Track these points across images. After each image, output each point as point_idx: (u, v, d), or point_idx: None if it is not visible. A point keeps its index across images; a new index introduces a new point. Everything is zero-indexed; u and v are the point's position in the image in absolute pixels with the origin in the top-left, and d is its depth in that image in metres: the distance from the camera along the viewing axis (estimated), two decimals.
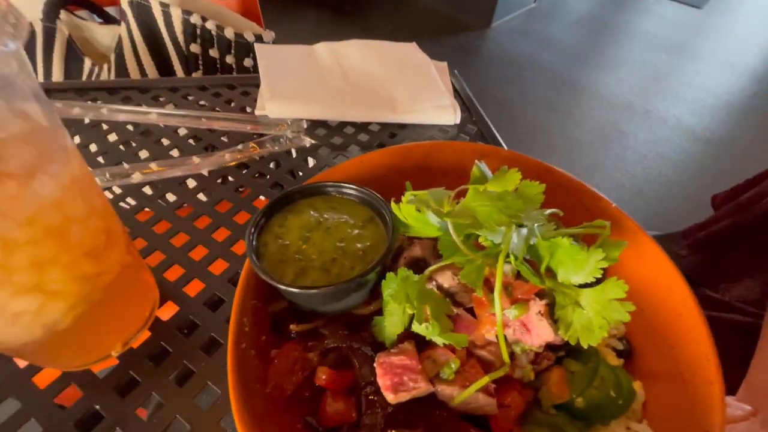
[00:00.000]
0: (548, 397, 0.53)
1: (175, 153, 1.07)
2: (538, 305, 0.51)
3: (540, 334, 0.51)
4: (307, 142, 1.11)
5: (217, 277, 0.82)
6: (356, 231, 0.59)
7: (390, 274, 0.54)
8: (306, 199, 0.63)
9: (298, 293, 0.50)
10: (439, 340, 0.48)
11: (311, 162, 1.12)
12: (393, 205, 0.57)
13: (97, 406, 0.66)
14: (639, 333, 0.61)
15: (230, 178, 1.02)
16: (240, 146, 1.06)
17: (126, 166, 0.99)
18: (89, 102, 1.17)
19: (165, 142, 1.09)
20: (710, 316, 1.22)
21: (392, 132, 1.19)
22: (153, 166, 1.00)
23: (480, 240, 0.51)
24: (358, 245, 0.56)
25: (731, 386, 0.90)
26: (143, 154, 1.06)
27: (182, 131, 1.12)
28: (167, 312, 0.77)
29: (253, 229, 0.57)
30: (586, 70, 4.58)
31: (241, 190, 1.00)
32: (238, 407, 0.45)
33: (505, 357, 0.49)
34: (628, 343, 0.60)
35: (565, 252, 0.49)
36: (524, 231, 0.50)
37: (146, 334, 0.74)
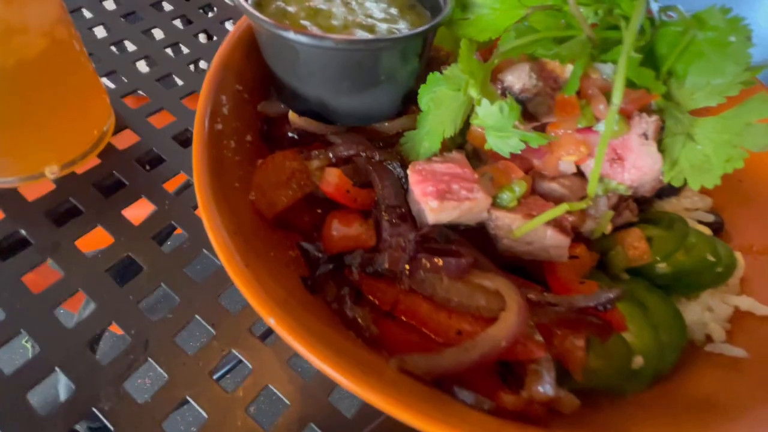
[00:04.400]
0: (623, 259, 0.40)
1: None
2: (643, 123, 0.36)
3: (639, 166, 0.37)
4: None
5: (191, 112, 0.64)
6: (389, 13, 0.41)
7: (433, 75, 0.38)
8: None
9: (306, 48, 0.33)
10: (510, 146, 0.33)
11: None
12: None
13: (23, 232, 0.50)
14: (733, 205, 0.47)
15: (215, 8, 0.80)
16: None
17: None
18: None
19: None
20: None
21: None
22: None
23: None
24: (392, 26, 0.39)
25: None
26: None
27: None
28: (125, 140, 0.60)
29: None
30: None
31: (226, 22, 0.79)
32: (202, 184, 0.30)
33: (592, 188, 0.35)
34: (718, 216, 0.47)
35: (712, 35, 0.33)
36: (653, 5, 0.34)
37: (95, 161, 0.57)
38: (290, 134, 0.39)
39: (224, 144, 0.35)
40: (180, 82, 0.68)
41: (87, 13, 0.74)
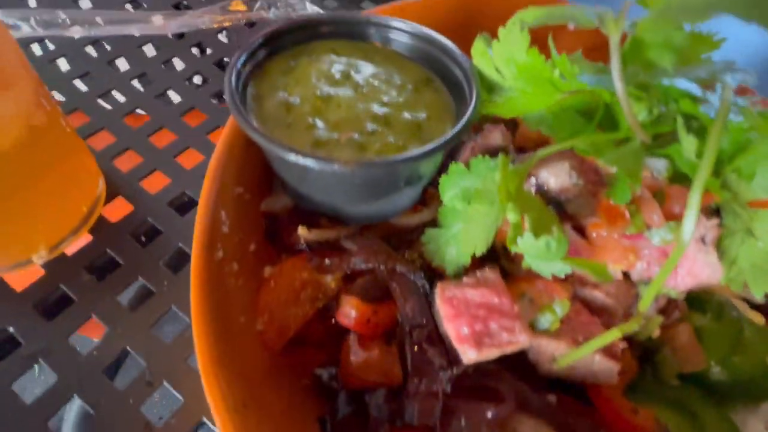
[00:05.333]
0: (673, 363, 0.36)
1: (133, 8, 0.78)
2: (701, 227, 0.32)
3: (696, 274, 0.33)
4: (312, 11, 0.83)
5: (188, 172, 0.60)
6: (405, 96, 0.36)
7: (456, 166, 0.33)
8: (329, 40, 0.39)
9: (315, 169, 0.29)
10: (553, 269, 0.29)
11: None
12: (479, 44, 0.34)
13: (11, 329, 0.47)
14: None
15: (207, 48, 0.75)
16: (224, 4, 0.79)
17: (61, 14, 0.71)
18: None
19: None
20: None
21: None
22: (99, 19, 0.72)
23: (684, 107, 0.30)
24: (408, 115, 0.35)
25: None
26: (85, 2, 0.77)
27: None
28: (117, 211, 0.56)
29: (240, 66, 0.34)
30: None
31: (222, 62, 0.74)
32: (204, 349, 0.26)
33: (645, 304, 0.30)
34: None
35: None
36: (715, 96, 0.29)
37: (86, 238, 0.53)
38: (299, 246, 0.35)
39: (226, 271, 0.31)
40: (173, 137, 0.63)
41: (65, 65, 0.69)
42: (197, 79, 0.73)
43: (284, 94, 0.34)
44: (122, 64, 0.71)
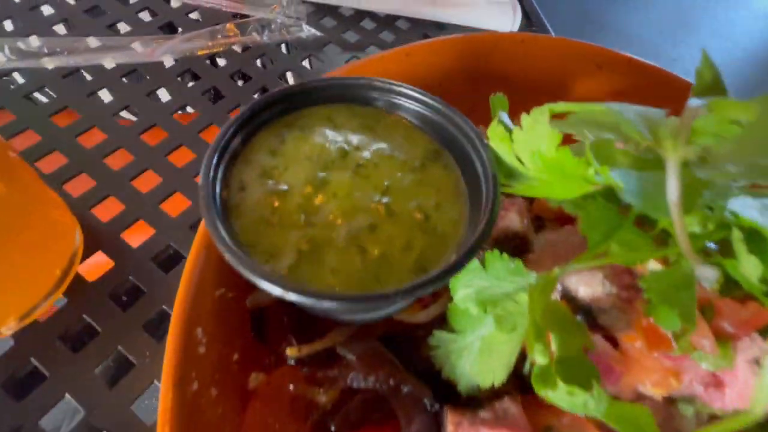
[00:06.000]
0: None
1: (120, 28, 0.73)
2: (756, 349, 0.28)
3: (746, 396, 0.28)
4: (309, 33, 0.78)
5: (173, 221, 0.55)
6: (410, 176, 0.32)
7: (473, 264, 0.29)
8: (325, 106, 0.35)
9: (301, 302, 0.24)
10: (589, 407, 0.24)
11: (312, 63, 0.81)
12: (498, 129, 0.30)
13: None
14: None
15: (197, 76, 0.70)
16: (214, 29, 0.74)
17: (36, 40, 0.66)
18: None
19: (104, 13, 0.74)
20: None
21: (426, 33, 0.87)
22: (90, 41, 0.67)
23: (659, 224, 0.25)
24: (414, 203, 0.30)
25: None
26: (61, 28, 0.72)
27: (128, 1, 0.77)
28: (95, 268, 0.52)
29: (216, 157, 0.29)
30: (614, 4, 4.08)
31: (211, 93, 0.70)
32: None
33: None
34: None
35: None
36: None
37: (61, 299, 0.49)
38: (290, 362, 0.30)
39: (203, 403, 0.27)
40: (158, 179, 0.59)
41: (40, 98, 0.64)
42: (185, 112, 0.68)
43: (271, 183, 0.30)
44: (104, 95, 0.66)
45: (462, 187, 0.32)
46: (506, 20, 0.88)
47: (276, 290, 0.24)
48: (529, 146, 0.27)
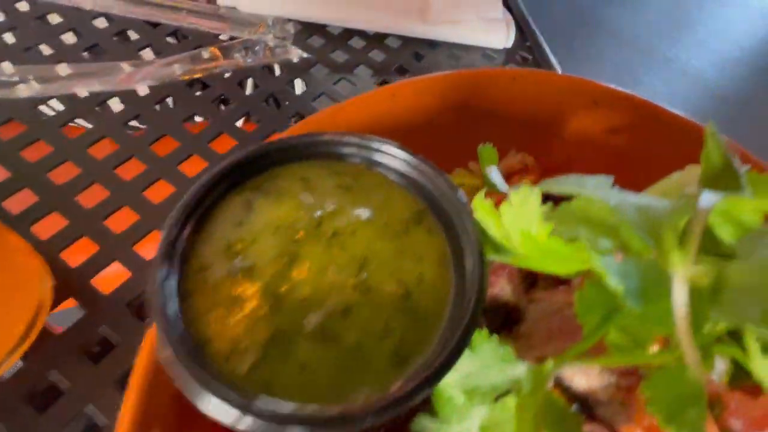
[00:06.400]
0: None
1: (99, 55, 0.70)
2: None
3: None
4: (296, 55, 0.75)
5: (148, 264, 0.52)
6: (391, 244, 0.29)
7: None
8: (299, 164, 0.32)
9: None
10: None
11: (299, 87, 0.78)
12: (480, 201, 0.27)
13: None
14: None
15: (176, 102, 0.68)
16: (195, 53, 0.71)
17: (8, 68, 0.63)
18: None
19: (75, 36, 0.71)
20: None
21: (418, 51, 0.84)
22: (59, 69, 0.64)
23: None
24: (394, 277, 0.28)
25: None
26: (33, 54, 0.69)
27: (104, 22, 0.74)
28: (65, 317, 0.49)
29: (175, 231, 0.26)
30: (610, 5, 4.06)
31: (194, 122, 0.67)
32: None
33: None
34: None
35: None
36: None
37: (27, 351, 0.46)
38: None
39: None
40: (135, 217, 0.56)
41: (8, 132, 0.61)
42: (163, 145, 0.65)
43: (236, 262, 0.27)
44: (80, 123, 0.63)
45: (447, 254, 0.30)
46: (500, 37, 0.86)
47: (220, 414, 0.21)
48: (517, 224, 0.24)
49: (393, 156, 0.32)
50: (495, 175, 0.32)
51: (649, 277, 0.19)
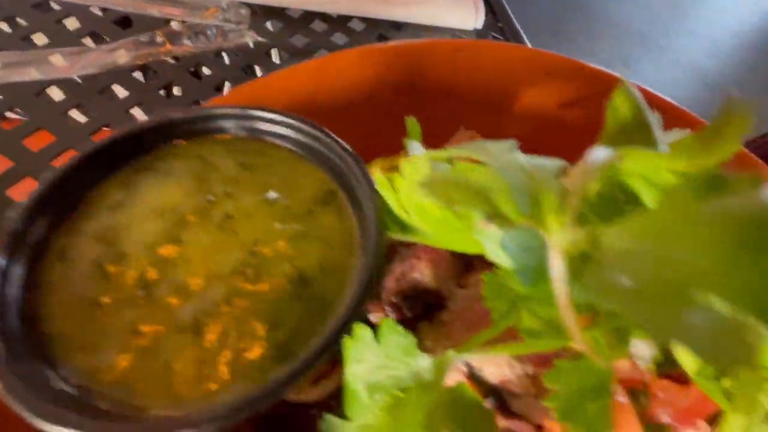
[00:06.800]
0: None
1: (40, 40, 0.67)
2: None
3: None
4: (251, 40, 0.72)
5: None
6: (293, 226, 0.26)
7: (361, 330, 0.24)
8: (199, 140, 0.29)
9: None
10: None
11: (258, 73, 0.75)
12: (377, 175, 0.24)
13: None
14: None
15: (122, 91, 0.64)
16: (142, 38, 0.67)
17: None
18: None
19: (10, 27, 0.68)
20: None
21: (383, 34, 0.81)
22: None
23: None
24: (291, 265, 0.24)
25: None
26: None
27: (46, 9, 0.70)
28: None
29: (24, 221, 0.23)
30: None
31: (138, 110, 0.63)
32: None
33: None
34: None
35: None
36: None
37: None
38: None
39: None
40: None
41: None
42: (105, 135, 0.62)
43: (104, 250, 0.24)
44: (13, 116, 0.60)
45: (355, 237, 0.27)
46: (468, 17, 0.82)
47: None
48: (411, 198, 0.21)
49: (300, 131, 0.29)
50: (416, 149, 0.28)
51: (535, 247, 0.16)
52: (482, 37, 0.83)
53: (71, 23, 0.70)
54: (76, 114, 0.62)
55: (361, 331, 0.25)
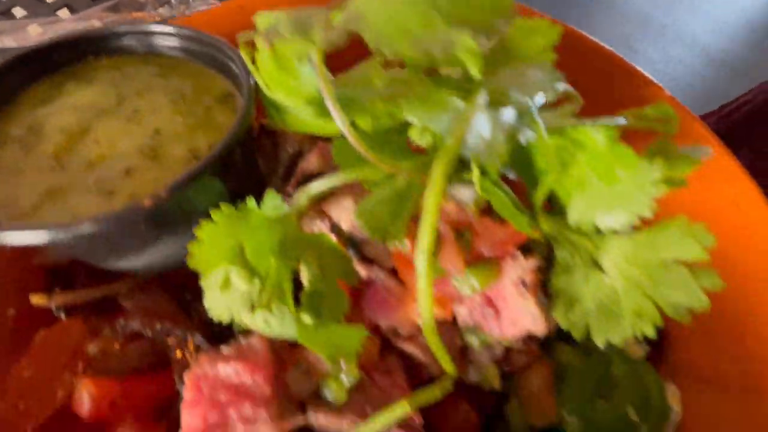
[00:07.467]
0: (522, 414, 0.31)
1: (19, 14, 0.72)
2: (519, 269, 0.26)
3: (516, 319, 0.27)
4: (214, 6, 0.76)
5: None
6: (190, 120, 0.31)
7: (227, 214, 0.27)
8: (116, 56, 0.34)
9: (23, 236, 0.24)
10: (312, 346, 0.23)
11: None
12: (246, 56, 0.28)
13: None
14: None
15: None
16: (103, 5, 0.72)
17: None
18: None
19: None
20: None
21: None
22: None
23: (411, 134, 0.24)
24: (183, 146, 0.29)
25: None
26: None
27: None
28: None
29: None
30: None
31: None
32: None
33: (447, 366, 0.25)
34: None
35: (594, 161, 0.23)
36: (507, 114, 0.23)
37: None
38: (57, 313, 0.30)
39: None
40: None
41: None
42: None
43: (28, 131, 0.29)
44: None
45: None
46: None
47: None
48: (275, 75, 0.25)
49: (206, 44, 0.33)
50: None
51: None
52: None
53: None
54: None
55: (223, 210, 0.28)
